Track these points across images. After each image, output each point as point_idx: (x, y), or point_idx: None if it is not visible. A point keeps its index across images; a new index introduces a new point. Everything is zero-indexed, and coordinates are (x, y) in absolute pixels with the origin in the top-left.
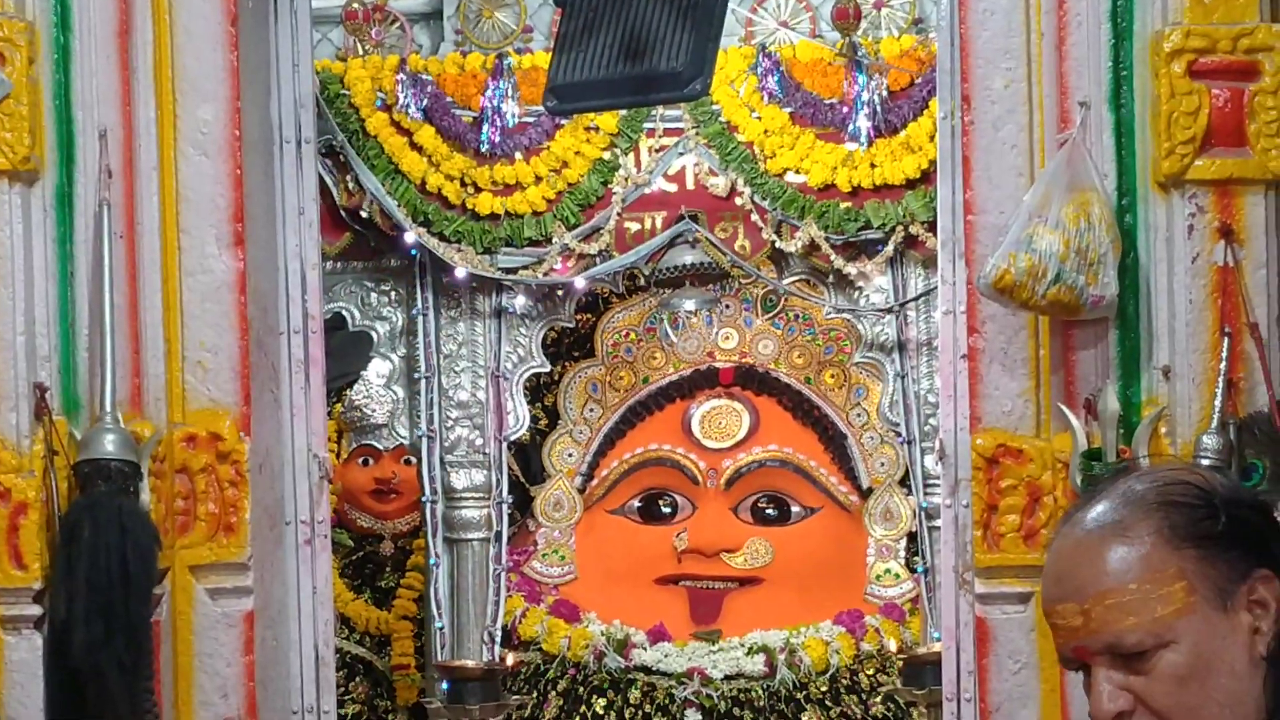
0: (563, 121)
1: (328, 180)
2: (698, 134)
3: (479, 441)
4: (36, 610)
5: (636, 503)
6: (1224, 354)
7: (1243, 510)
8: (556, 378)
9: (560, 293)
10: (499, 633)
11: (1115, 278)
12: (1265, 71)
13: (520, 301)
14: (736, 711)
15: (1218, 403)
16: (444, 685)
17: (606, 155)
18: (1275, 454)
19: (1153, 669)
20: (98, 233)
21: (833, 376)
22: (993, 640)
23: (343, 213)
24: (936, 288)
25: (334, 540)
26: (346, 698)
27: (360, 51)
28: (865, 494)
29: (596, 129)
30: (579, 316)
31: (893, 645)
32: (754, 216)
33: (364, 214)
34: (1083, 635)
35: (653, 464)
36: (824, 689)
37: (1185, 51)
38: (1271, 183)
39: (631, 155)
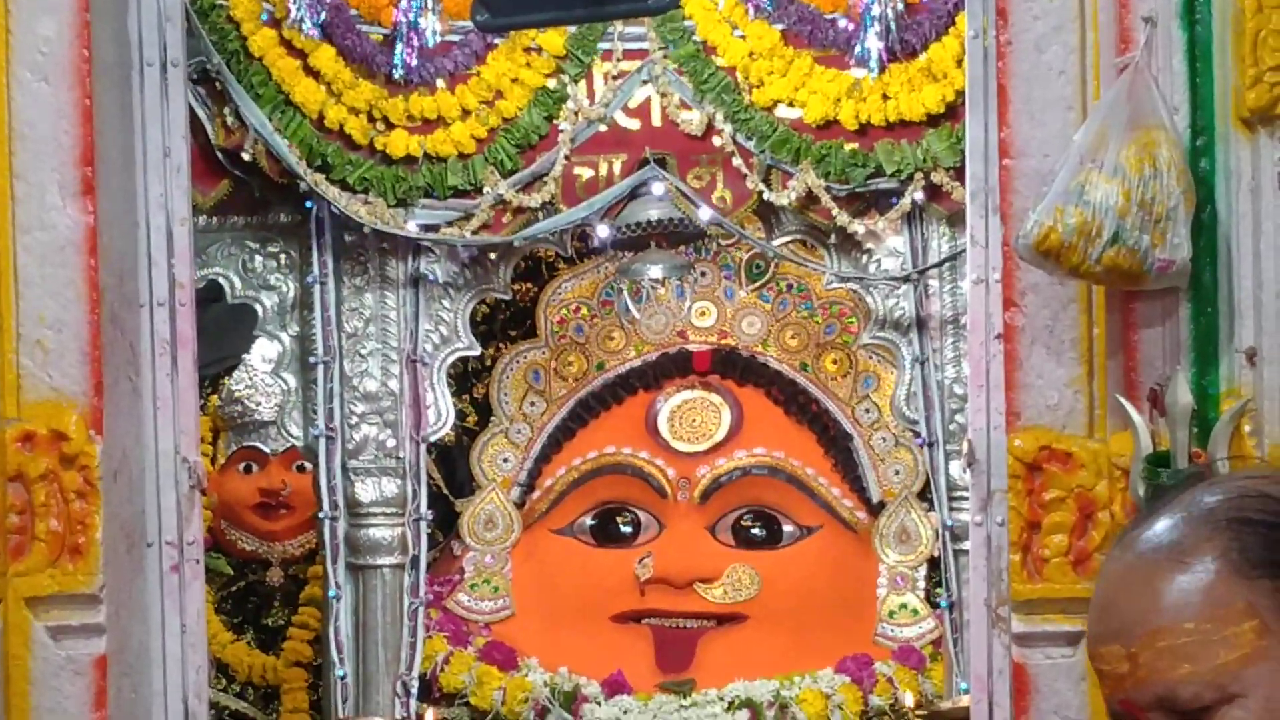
0: (496, 41)
1: (201, 114)
2: (666, 57)
3: (391, 443)
4: None
5: (589, 520)
6: None
7: None
8: (489, 364)
9: (494, 256)
10: (415, 683)
11: (1188, 237)
12: None
13: (443, 267)
14: None
15: None
16: None
17: (551, 84)
18: None
19: None
20: None
21: (835, 362)
22: (1034, 692)
23: (220, 155)
24: (964, 251)
25: (209, 567)
26: None
27: None
28: (875, 510)
29: (539, 50)
30: (517, 287)
31: (909, 699)
32: (736, 161)
33: (247, 156)
34: (1130, 685)
35: (609, 472)
36: None
37: None
38: None
39: (583, 84)
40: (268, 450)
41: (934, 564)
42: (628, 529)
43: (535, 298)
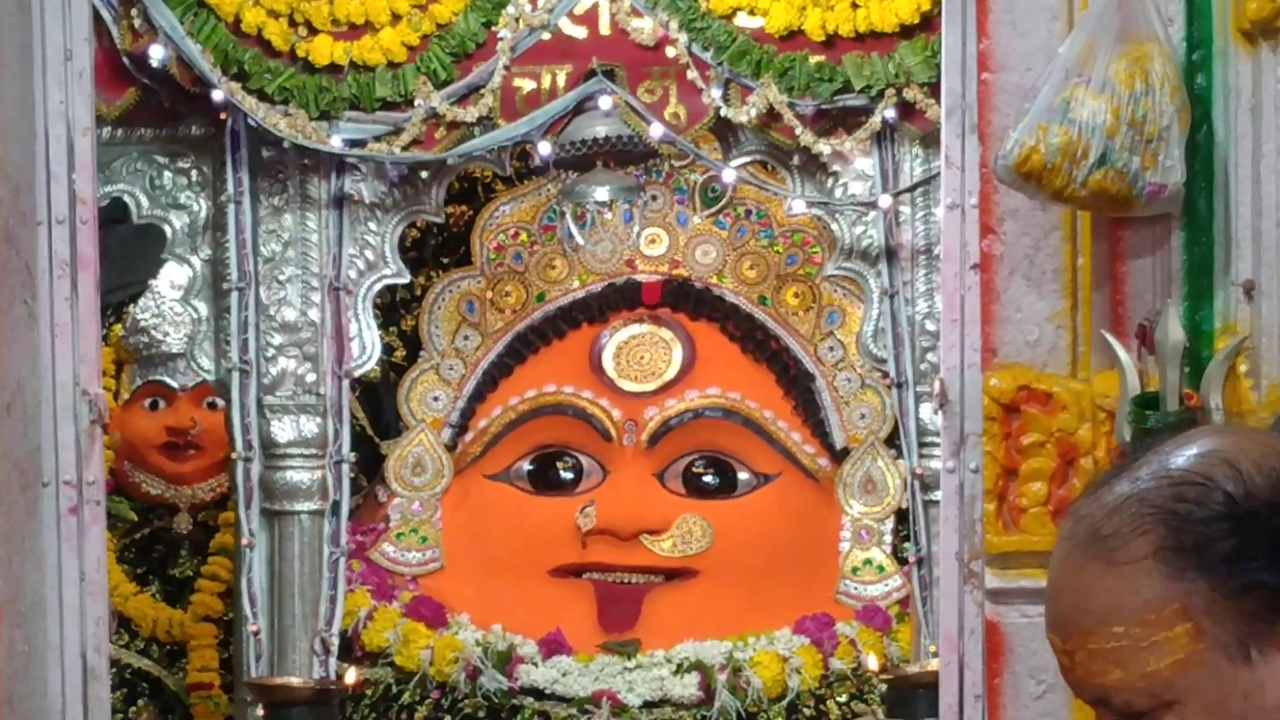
0: None
1: (105, 15)
2: None
3: (311, 379)
4: None
5: (527, 465)
6: None
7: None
8: (419, 293)
9: (425, 176)
10: (336, 640)
11: (1181, 160)
12: None
13: (369, 187)
14: None
15: None
16: (259, 711)
17: None
18: None
19: None
20: None
21: (797, 295)
22: (1008, 653)
23: (126, 60)
24: (938, 174)
25: (110, 511)
26: None
27: None
28: (839, 457)
29: None
30: (450, 209)
31: (873, 662)
32: (691, 74)
33: (155, 63)
34: (1070, 680)
35: (549, 412)
36: None
37: None
38: None
39: None
40: (176, 385)
41: (902, 516)
42: (568, 475)
43: (470, 222)
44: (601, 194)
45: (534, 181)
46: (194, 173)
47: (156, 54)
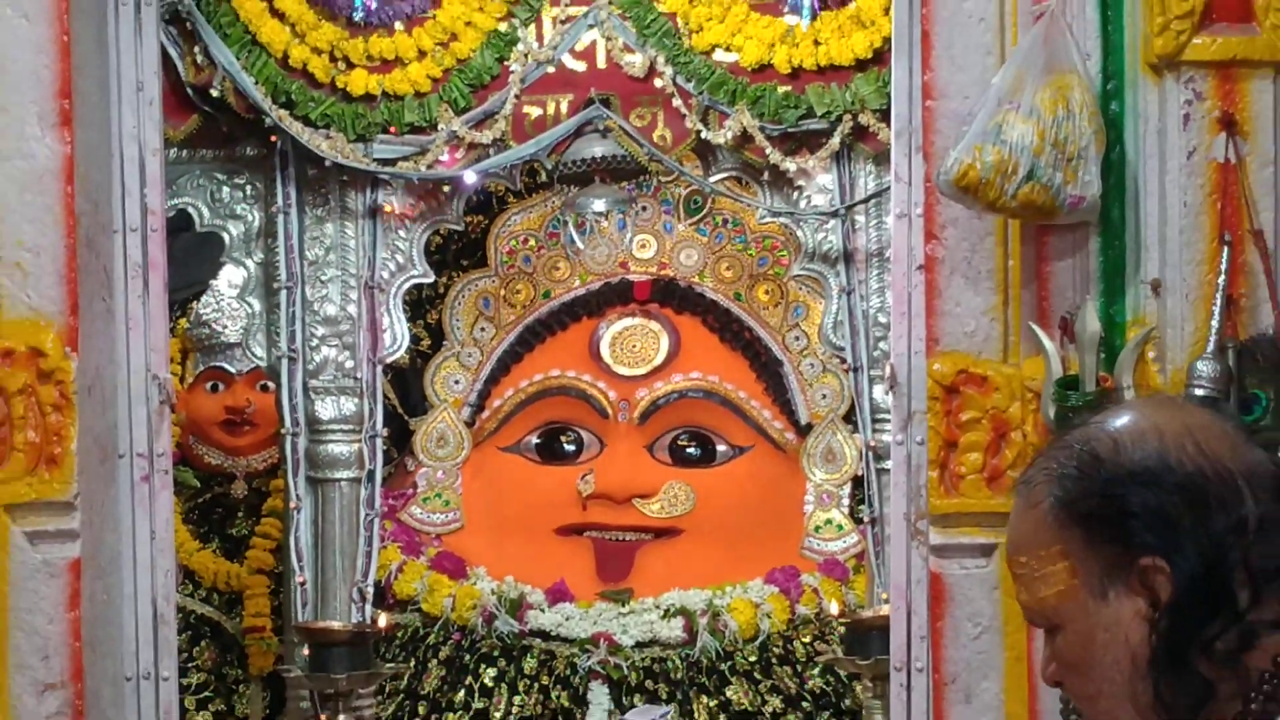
0: None
1: (172, 52)
2: (611, 3)
3: (349, 364)
4: None
5: (535, 439)
6: (1223, 266)
7: (1139, 489)
8: (441, 290)
9: (447, 189)
10: (371, 590)
11: (1098, 175)
12: None
13: (399, 199)
14: (650, 684)
15: (1215, 323)
16: (305, 651)
17: (503, 27)
18: None
19: (1055, 648)
20: None
21: (767, 292)
22: (949, 600)
23: (190, 91)
24: (889, 187)
25: (177, 479)
26: (190, 664)
27: None
28: (804, 431)
29: None
30: (469, 218)
31: (833, 608)
32: (676, 102)
33: (215, 93)
34: (1017, 599)
35: (554, 394)
36: (753, 658)
37: None
38: (1278, 66)
39: (533, 27)
40: (233, 370)
41: (857, 482)
42: (571, 447)
43: (486, 229)
44: (599, 205)
45: (541, 195)
46: (248, 187)
47: (216, 86)
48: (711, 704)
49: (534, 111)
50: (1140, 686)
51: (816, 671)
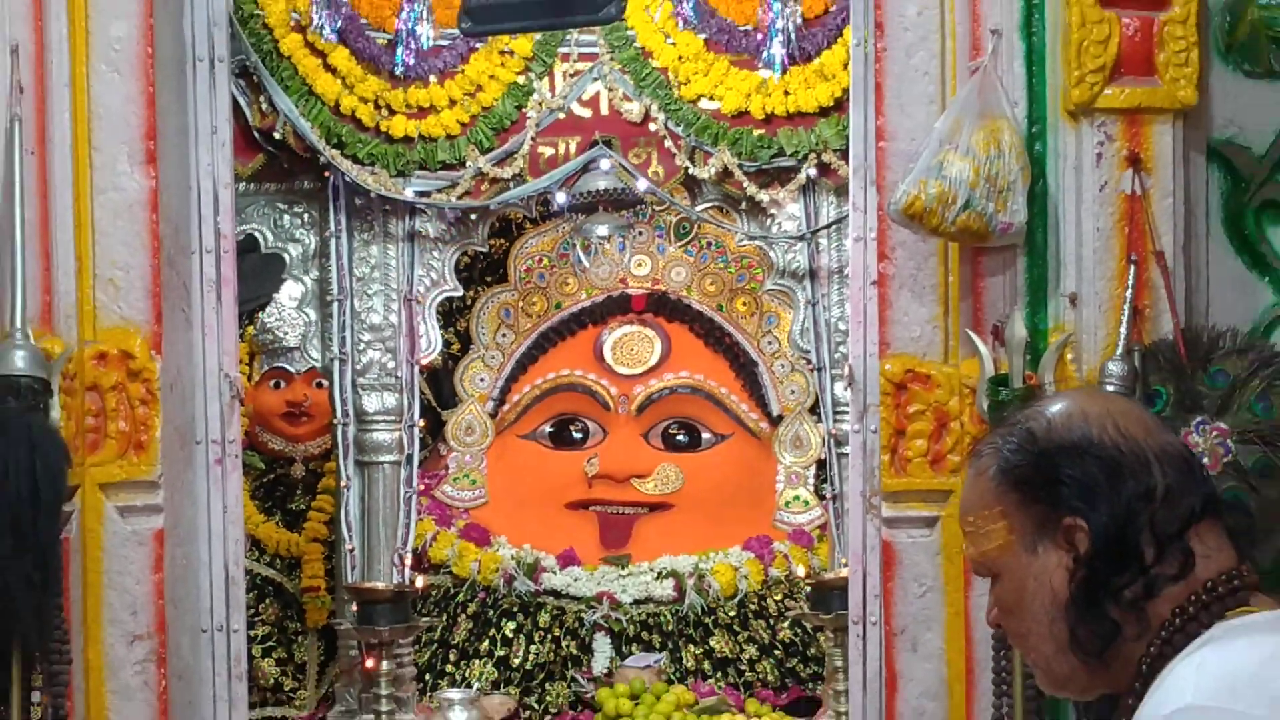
0: (477, 45)
1: (241, 101)
2: (612, 59)
3: (391, 365)
4: None
5: (548, 428)
6: (1130, 281)
7: (1065, 459)
8: (469, 302)
9: (474, 217)
10: (409, 556)
11: (1024, 205)
12: (1175, 1)
13: (433, 225)
14: (645, 636)
15: (1123, 329)
16: (354, 607)
17: (521, 79)
18: (1179, 381)
19: (996, 595)
20: (8, 148)
21: (744, 304)
22: (898, 564)
23: (256, 134)
24: (848, 215)
25: (245, 462)
26: (257, 619)
27: None
28: (775, 421)
29: (511, 53)
30: (492, 241)
31: (800, 571)
32: (667, 143)
33: (277, 135)
34: (965, 553)
35: (564, 389)
36: (732, 614)
37: None
38: (1179, 112)
39: (546, 80)
40: (292, 370)
41: (821, 464)
42: (578, 435)
43: (506, 250)
44: (602, 230)
45: (553, 221)
46: (305, 215)
47: (278, 129)
48: (697, 652)
49: (547, 151)
50: (1060, 626)
51: (786, 625)
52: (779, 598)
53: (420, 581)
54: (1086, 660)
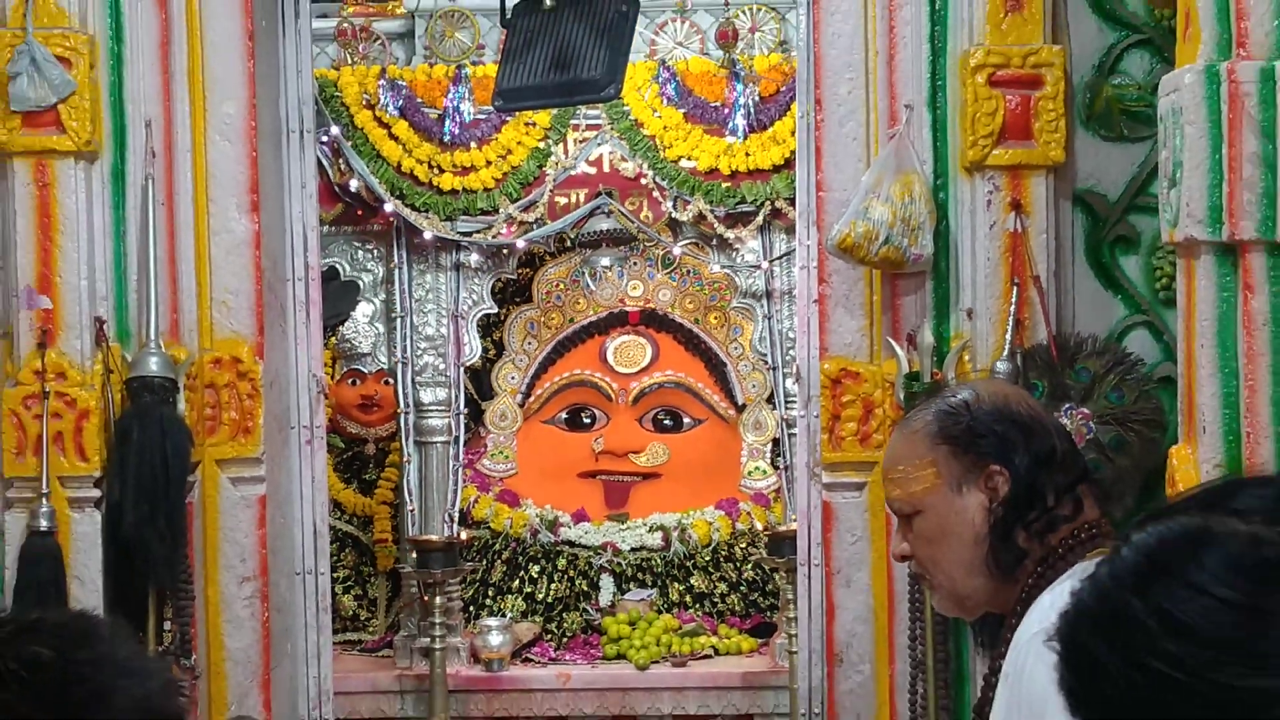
0: (508, 118)
1: (324, 162)
2: (612, 129)
3: (442, 366)
4: (96, 494)
5: (563, 415)
6: (1013, 299)
7: (993, 423)
8: (502, 318)
9: (505, 251)
10: (456, 514)
11: (931, 240)
12: (1046, 82)
13: (474, 258)
14: (640, 576)
15: (1008, 337)
16: (413, 554)
17: (541, 145)
18: (1051, 376)
19: (915, 529)
20: (144, 200)
21: (715, 318)
22: (835, 519)
23: (336, 188)
24: (795, 248)
25: (328, 442)
26: (338, 564)
27: (350, 62)
28: (740, 409)
29: (534, 124)
30: (520, 270)
31: (760, 525)
32: (655, 193)
33: (353, 189)
34: (887, 497)
35: (576, 385)
36: (707, 559)
37: (986, 66)
38: (1050, 168)
39: (561, 145)
40: (365, 371)
41: (775, 442)
42: (587, 420)
43: (531, 277)
44: (605, 261)
45: (567, 255)
46: (374, 251)
47: (353, 184)
48: (680, 588)
49: (562, 199)
50: (976, 552)
51: (749, 567)
52: (743, 546)
53: (465, 534)
54: (995, 579)
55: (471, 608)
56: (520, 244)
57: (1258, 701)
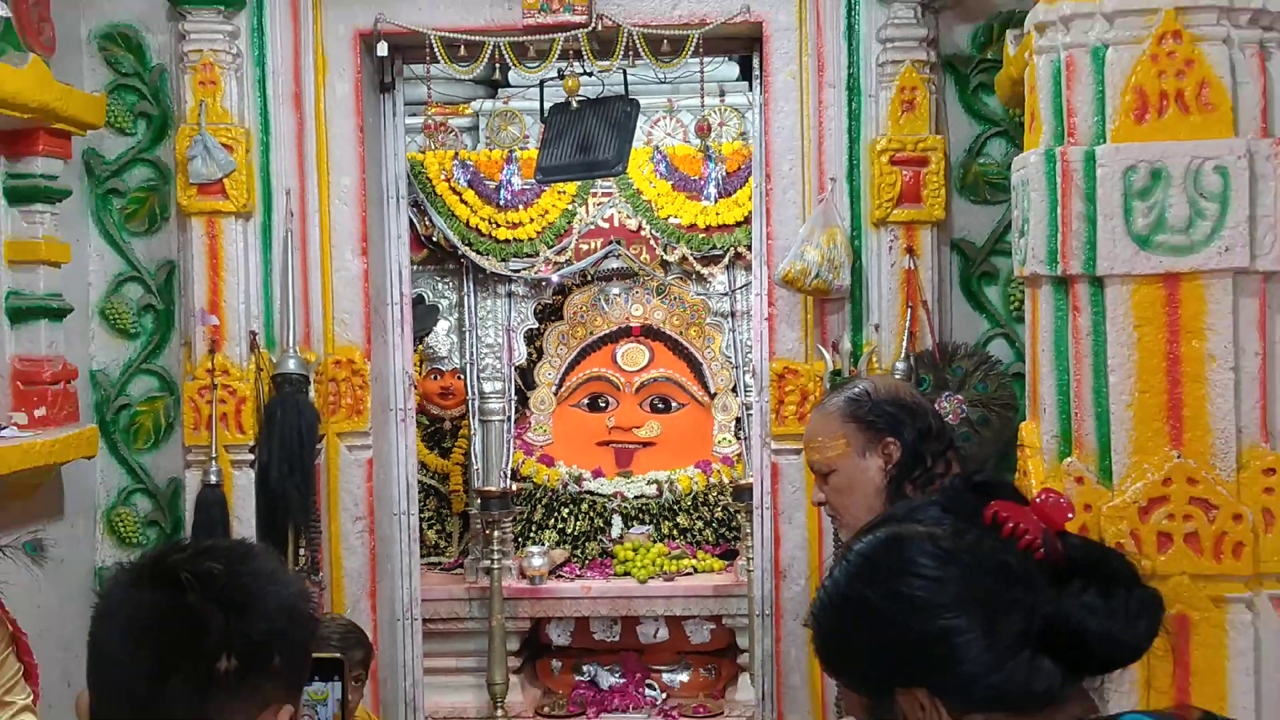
0: (545, 188)
1: (414, 219)
2: (620, 195)
3: (499, 366)
4: (250, 457)
5: (585, 401)
6: (908, 318)
7: (888, 406)
8: (541, 331)
9: (543, 283)
10: (509, 472)
11: (849, 275)
12: (931, 161)
13: (521, 288)
14: (641, 516)
15: (904, 344)
16: (478, 501)
17: (570, 207)
18: (936, 372)
19: (830, 483)
20: (285, 247)
21: (695, 331)
22: (781, 476)
23: (422, 238)
24: (751, 281)
25: (417, 420)
26: (424, 507)
27: (433, 147)
28: (712, 396)
29: (564, 192)
30: (554, 296)
31: (726, 479)
32: (651, 241)
33: (434, 239)
34: (809, 460)
35: (595, 379)
36: (689, 503)
37: (888, 150)
38: (934, 223)
39: (583, 207)
40: (444, 369)
41: (738, 420)
42: (603, 405)
43: (563, 302)
44: (615, 290)
45: (588, 286)
46: (450, 283)
47: (435, 235)
48: (670, 525)
49: (584, 246)
50: (877, 499)
51: (719, 509)
52: (715, 494)
53: (514, 486)
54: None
55: (519, 539)
56: (554, 278)
57: (947, 635)
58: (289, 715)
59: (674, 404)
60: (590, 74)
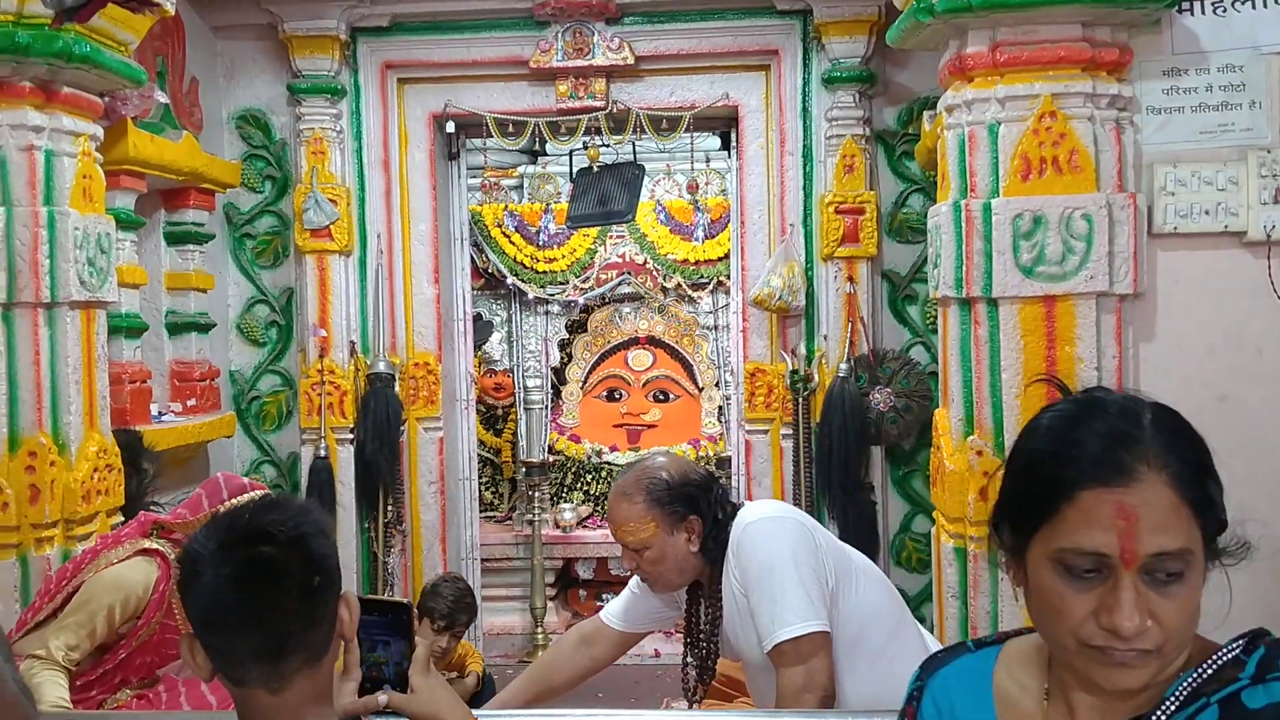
0: (574, 232)
1: (474, 256)
2: (630, 237)
3: (538, 367)
4: (350, 436)
5: (604, 393)
6: (849, 330)
7: (685, 487)
8: (571, 340)
9: (573, 304)
10: (546, 447)
11: (804, 298)
12: (866, 211)
13: (555, 308)
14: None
15: (846, 350)
16: (523, 469)
17: (592, 246)
18: (870, 371)
19: (644, 557)
20: (376, 278)
21: (687, 340)
22: (753, 450)
23: (480, 270)
24: (730, 302)
25: (476, 408)
26: (481, 474)
27: (489, 201)
28: (701, 390)
29: (589, 235)
30: (581, 314)
31: (712, 453)
32: (654, 273)
33: (489, 271)
34: (620, 541)
35: (611, 377)
36: None
37: (833, 202)
38: (869, 258)
39: (603, 246)
40: (498, 369)
41: (720, 408)
42: (617, 397)
43: (587, 318)
44: (627, 309)
45: (606, 306)
46: (502, 304)
47: (490, 268)
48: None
49: (604, 276)
50: (689, 561)
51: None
52: (703, 464)
53: (551, 459)
54: (704, 566)
55: (554, 498)
56: (580, 300)
57: None
58: (346, 603)
59: (671, 396)
60: (607, 145)
